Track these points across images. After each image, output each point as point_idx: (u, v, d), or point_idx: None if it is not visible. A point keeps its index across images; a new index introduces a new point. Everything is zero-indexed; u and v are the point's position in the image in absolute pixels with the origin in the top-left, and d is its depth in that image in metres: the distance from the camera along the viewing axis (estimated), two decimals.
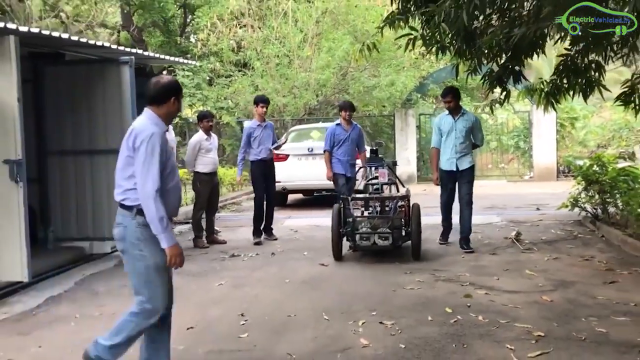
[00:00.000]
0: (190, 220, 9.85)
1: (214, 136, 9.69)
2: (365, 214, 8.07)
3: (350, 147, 9.40)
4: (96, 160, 8.74)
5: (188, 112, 21.18)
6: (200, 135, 9.47)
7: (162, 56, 11.00)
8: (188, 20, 24.55)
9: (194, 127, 19.14)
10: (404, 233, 7.76)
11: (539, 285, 6.45)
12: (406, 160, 19.17)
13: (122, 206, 4.17)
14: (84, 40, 8.07)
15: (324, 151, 9.54)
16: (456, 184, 8.46)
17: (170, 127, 8.99)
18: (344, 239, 7.92)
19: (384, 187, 8.46)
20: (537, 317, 5.40)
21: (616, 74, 15.74)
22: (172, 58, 11.88)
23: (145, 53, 10.35)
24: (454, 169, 8.39)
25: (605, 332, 4.94)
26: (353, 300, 6.08)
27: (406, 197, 8.19)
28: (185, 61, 12.88)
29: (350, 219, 7.73)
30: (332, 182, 9.44)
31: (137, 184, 3.96)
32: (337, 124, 9.57)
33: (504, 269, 7.19)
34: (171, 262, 4.10)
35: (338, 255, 7.86)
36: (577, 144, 19.87)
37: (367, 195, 8.34)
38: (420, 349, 4.71)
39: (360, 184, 9.73)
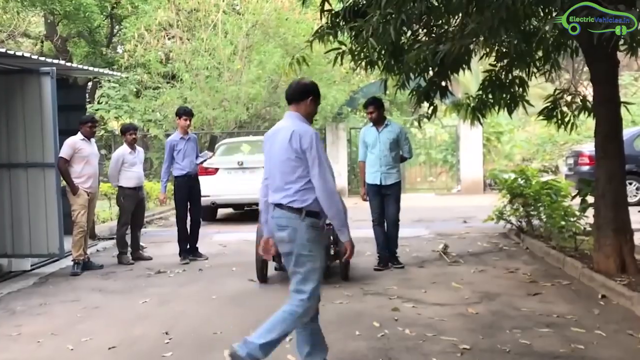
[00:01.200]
0: (115, 236, 9.58)
1: (139, 149, 9.44)
2: None
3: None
4: (16, 174, 8.44)
5: (114, 125, 20.74)
6: (124, 148, 9.22)
7: (85, 67, 10.76)
8: (115, 31, 24.11)
9: (119, 139, 18.71)
10: (332, 252, 7.34)
11: (464, 298, 6.52)
12: (337, 174, 19.10)
13: (290, 209, 4.20)
14: (2, 50, 7.75)
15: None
16: (383, 200, 8.16)
17: (93, 139, 8.78)
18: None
19: None
20: (462, 329, 5.44)
21: (540, 89, 16.22)
22: (96, 69, 11.58)
23: (68, 64, 10.08)
24: (378, 183, 8.10)
25: (528, 344, 5.01)
26: None
27: None
28: (110, 72, 12.64)
29: None
30: None
31: (317, 183, 4.11)
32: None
33: (431, 282, 7.25)
34: (349, 255, 4.33)
35: (262, 277, 7.46)
36: (503, 158, 20.37)
37: None
38: None
39: None
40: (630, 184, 13.96)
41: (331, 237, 7.35)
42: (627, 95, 27.09)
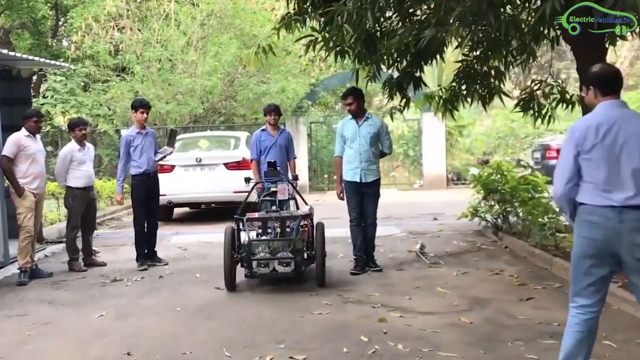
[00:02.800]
0: (64, 240, 8.81)
1: (88, 146, 8.63)
2: (264, 236, 6.99)
3: (278, 154, 8.59)
4: None
5: (60, 120, 19.69)
6: (72, 145, 8.41)
7: (30, 57, 9.91)
8: (60, 22, 23.02)
9: (67, 135, 17.76)
10: (306, 256, 6.85)
11: (454, 305, 6.02)
12: (297, 170, 18.66)
13: None
14: None
15: (251, 160, 8.94)
16: (362, 198, 7.56)
17: (39, 136, 8.02)
18: (239, 265, 6.91)
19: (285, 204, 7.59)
20: (460, 343, 4.93)
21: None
22: (41, 59, 10.77)
23: (11, 53, 9.25)
24: (358, 180, 7.46)
25: (536, 359, 4.53)
26: (257, 330, 5.40)
27: (309, 216, 7.20)
28: (56, 63, 11.81)
29: (246, 243, 6.74)
30: (220, 195, 8.67)
31: None
32: (263, 130, 8.94)
33: (414, 287, 6.73)
34: None
35: (231, 285, 6.79)
36: (464, 152, 20.10)
37: (265, 214, 7.15)
38: None
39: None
40: None
41: (304, 242, 6.91)
42: None
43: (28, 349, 5.22)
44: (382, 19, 7.54)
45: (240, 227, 6.95)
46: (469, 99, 8.87)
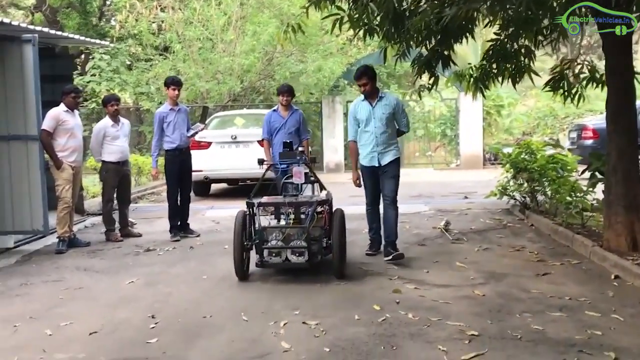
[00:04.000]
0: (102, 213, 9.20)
1: (123, 122, 8.96)
2: (280, 222, 6.72)
3: (287, 136, 8.40)
4: None
5: None
6: (105, 121, 8.76)
7: (70, 35, 10.25)
8: (106, 1, 23.49)
9: None
10: (324, 245, 6.39)
11: (470, 278, 6.16)
12: (333, 149, 18.91)
13: None
14: None
15: (262, 139, 8.87)
16: (379, 181, 7.15)
17: (77, 111, 8.36)
18: (252, 252, 6.53)
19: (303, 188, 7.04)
20: (469, 313, 5.08)
21: (540, 62, 15.79)
22: (82, 38, 11.09)
23: (52, 31, 9.56)
24: (376, 165, 7.05)
25: (541, 330, 4.65)
26: (274, 298, 5.64)
27: (326, 202, 6.67)
28: (98, 42, 12.14)
29: (258, 229, 6.32)
30: (254, 171, 8.27)
31: None
32: (274, 110, 8.83)
33: (433, 261, 6.88)
34: None
35: (242, 274, 6.35)
36: (503, 132, 19.99)
37: (278, 199, 6.82)
38: (346, 352, 4.31)
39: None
40: None
41: (322, 230, 6.46)
42: None
43: (59, 311, 5.55)
44: None
45: (253, 212, 6.55)
46: (499, 78, 8.90)
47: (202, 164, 11.78)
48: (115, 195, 8.80)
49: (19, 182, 8.05)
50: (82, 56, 22.28)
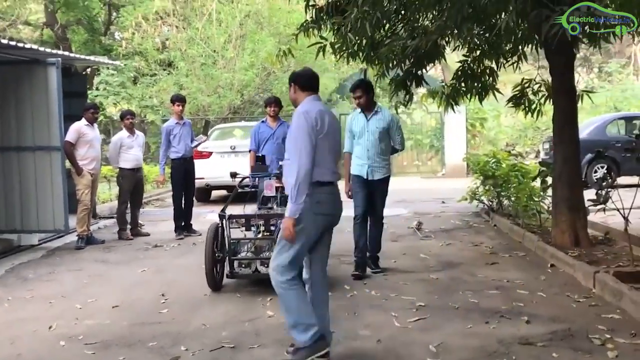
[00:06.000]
0: (115, 215, 10.36)
1: (138, 134, 10.20)
2: (249, 235, 6.82)
3: (276, 146, 8.79)
4: (24, 157, 9.16)
5: (112, 110, 21.44)
6: (122, 133, 10.00)
7: (88, 57, 11.47)
8: (112, 18, 24.74)
9: (117, 124, 19.43)
10: None
11: (429, 267, 7.32)
12: None
13: None
14: (12, 43, 8.47)
15: (249, 151, 9.15)
16: (369, 194, 7.11)
17: (95, 125, 9.52)
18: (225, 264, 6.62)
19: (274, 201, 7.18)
20: (422, 292, 6.23)
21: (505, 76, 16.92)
22: (97, 58, 12.31)
23: (72, 54, 10.77)
24: (364, 176, 7.05)
25: (476, 302, 5.79)
26: (263, 281, 6.73)
27: None
28: (110, 62, 13.30)
29: (229, 241, 6.46)
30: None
31: None
32: (263, 121, 9.18)
33: (402, 253, 8.04)
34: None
35: (214, 285, 6.44)
36: (487, 143, 21.15)
37: (248, 212, 6.94)
38: None
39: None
40: (602, 167, 14.74)
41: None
42: (613, 82, 27.88)
43: (85, 291, 6.70)
44: (385, 25, 8.70)
45: (224, 224, 6.57)
46: (468, 95, 10.02)
47: (204, 172, 12.94)
48: (129, 198, 9.97)
49: (43, 187, 9.19)
50: (88, 70, 23.49)
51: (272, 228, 6.61)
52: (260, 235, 6.69)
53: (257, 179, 7.45)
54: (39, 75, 9.08)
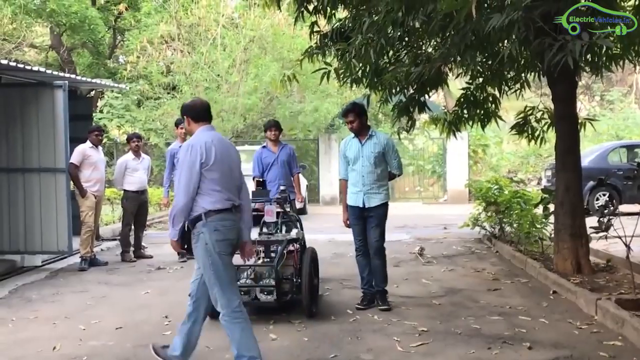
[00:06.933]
0: (118, 237, 10.40)
1: (144, 157, 10.27)
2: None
3: (280, 170, 8.54)
4: (29, 178, 9.25)
5: (116, 133, 21.57)
6: (128, 155, 10.08)
7: (94, 80, 11.57)
8: (117, 42, 24.97)
9: (121, 147, 19.57)
10: (294, 285, 6.32)
11: (431, 292, 7.34)
12: (329, 183, 20.19)
13: None
14: (21, 65, 8.59)
15: (253, 178, 8.44)
16: (365, 225, 6.83)
17: (100, 147, 9.60)
18: None
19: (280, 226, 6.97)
20: (424, 317, 6.25)
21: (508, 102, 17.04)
22: (103, 82, 12.46)
23: (78, 77, 10.90)
24: (360, 205, 6.74)
25: (478, 328, 5.82)
26: (264, 307, 6.67)
27: (296, 240, 6.70)
28: (116, 85, 13.45)
29: None
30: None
31: None
32: (264, 146, 8.87)
33: (404, 279, 8.06)
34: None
35: (213, 312, 5.62)
36: (489, 169, 21.22)
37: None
38: (320, 341, 5.50)
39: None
40: (604, 195, 14.80)
41: (293, 268, 6.48)
42: (615, 111, 28.04)
43: (89, 313, 6.73)
44: (389, 52, 8.81)
45: None
46: (470, 122, 10.09)
47: None
48: (133, 221, 10.01)
49: (47, 208, 9.25)
50: (92, 93, 23.66)
51: (273, 254, 6.51)
52: (260, 262, 6.56)
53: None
54: (46, 98, 9.18)
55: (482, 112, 9.85)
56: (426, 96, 9.51)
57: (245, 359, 4.59)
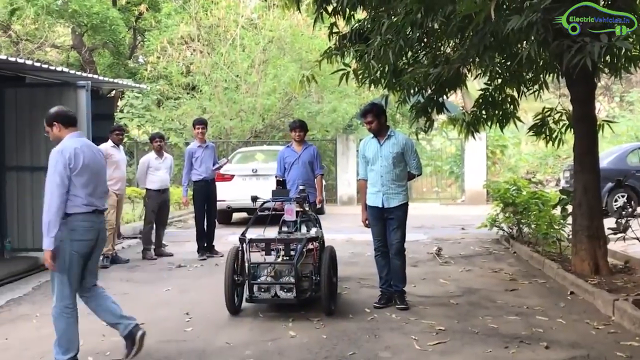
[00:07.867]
0: (139, 235, 10.54)
1: (167, 156, 10.42)
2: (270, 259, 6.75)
3: (301, 170, 8.56)
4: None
5: (136, 133, 21.79)
6: (150, 155, 10.24)
7: (115, 80, 11.73)
8: (137, 42, 25.24)
9: (141, 147, 19.77)
10: (313, 283, 6.43)
11: (449, 292, 7.39)
12: (347, 183, 20.22)
13: None
14: (45, 65, 8.75)
15: (275, 177, 8.72)
16: (384, 225, 6.83)
17: (121, 146, 9.73)
18: (244, 288, 6.65)
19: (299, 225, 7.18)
20: (442, 316, 6.31)
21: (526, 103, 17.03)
22: (125, 82, 12.64)
23: (101, 77, 11.05)
24: (380, 205, 6.75)
25: (496, 328, 5.86)
26: (283, 305, 6.77)
27: (316, 239, 6.72)
28: (138, 85, 13.61)
29: (249, 265, 6.51)
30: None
31: None
32: (288, 146, 8.95)
33: (421, 278, 8.11)
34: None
35: (233, 308, 6.49)
36: (508, 170, 21.17)
37: (269, 236, 6.79)
38: (338, 339, 5.57)
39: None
40: (623, 196, 14.73)
41: (312, 266, 6.56)
42: (634, 112, 27.84)
43: None
44: (408, 53, 8.85)
45: (244, 248, 6.62)
46: (488, 123, 10.12)
47: (225, 194, 13.09)
48: (154, 219, 10.14)
49: None
50: (113, 93, 23.94)
51: (292, 253, 6.56)
52: (280, 260, 6.64)
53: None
54: (69, 98, 9.31)
55: (500, 113, 9.88)
56: (444, 97, 9.57)
57: (63, 349, 4.95)
